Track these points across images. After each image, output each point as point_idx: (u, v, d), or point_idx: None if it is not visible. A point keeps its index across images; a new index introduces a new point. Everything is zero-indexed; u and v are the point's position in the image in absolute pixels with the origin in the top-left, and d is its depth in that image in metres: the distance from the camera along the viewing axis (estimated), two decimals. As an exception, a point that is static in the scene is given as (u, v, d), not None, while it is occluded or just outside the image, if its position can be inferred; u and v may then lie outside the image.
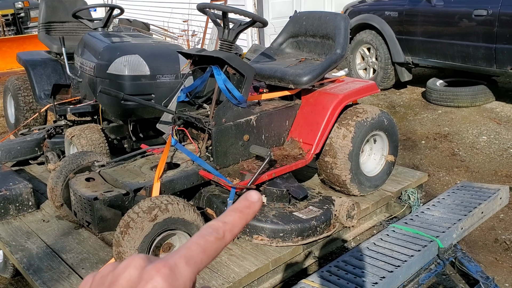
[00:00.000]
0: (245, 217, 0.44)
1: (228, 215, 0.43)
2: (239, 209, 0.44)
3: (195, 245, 0.40)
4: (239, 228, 0.44)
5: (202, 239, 0.41)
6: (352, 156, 2.90)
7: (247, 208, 0.44)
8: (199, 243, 0.40)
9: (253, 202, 0.44)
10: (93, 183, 2.49)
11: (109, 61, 3.27)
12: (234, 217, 0.43)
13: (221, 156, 2.66)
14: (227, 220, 0.43)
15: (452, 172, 4.63)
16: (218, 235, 0.41)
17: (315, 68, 2.93)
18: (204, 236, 0.41)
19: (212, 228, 0.42)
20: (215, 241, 0.41)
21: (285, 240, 2.46)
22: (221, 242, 0.42)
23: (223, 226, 0.42)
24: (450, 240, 2.55)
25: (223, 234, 0.42)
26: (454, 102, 6.10)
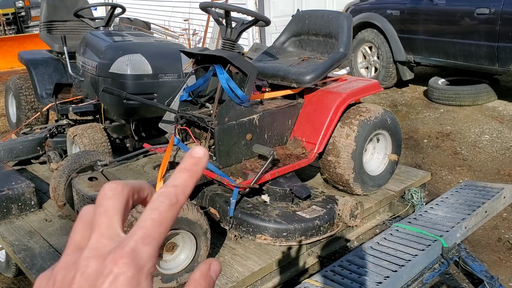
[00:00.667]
0: (194, 175, 0.42)
1: (177, 177, 0.41)
2: (187, 168, 0.42)
3: (150, 221, 0.38)
4: (190, 187, 0.41)
5: (156, 212, 0.39)
6: (355, 155, 2.89)
7: (195, 166, 0.42)
8: (153, 217, 0.39)
9: (200, 158, 0.42)
10: (96, 182, 2.49)
11: (111, 60, 3.26)
12: (184, 178, 0.41)
13: (224, 155, 2.65)
14: (177, 183, 0.41)
15: (455, 171, 4.62)
16: (171, 202, 0.40)
17: (318, 67, 2.92)
18: (157, 208, 0.39)
19: (163, 196, 0.40)
20: (170, 209, 0.39)
21: (288, 239, 2.45)
22: (175, 207, 0.40)
23: (174, 190, 0.40)
24: (454, 239, 2.54)
25: (176, 199, 0.40)
26: (456, 101, 6.09)
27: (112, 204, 0.40)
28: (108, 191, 0.41)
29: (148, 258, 0.37)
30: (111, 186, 0.41)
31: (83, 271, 0.37)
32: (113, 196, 0.40)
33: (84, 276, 0.36)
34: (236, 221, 2.50)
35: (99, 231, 0.39)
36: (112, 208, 0.40)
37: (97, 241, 0.38)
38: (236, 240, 2.58)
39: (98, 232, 0.39)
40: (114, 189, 0.41)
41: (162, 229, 0.39)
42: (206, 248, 2.27)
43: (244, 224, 2.47)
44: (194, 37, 9.58)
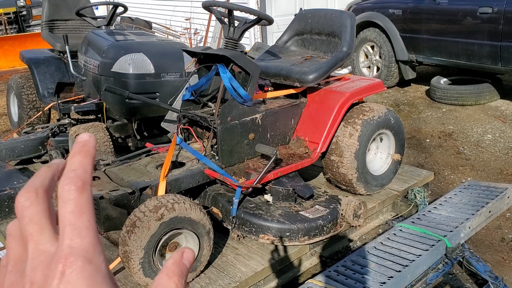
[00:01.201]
0: (87, 154, 0.40)
1: (71, 162, 0.40)
2: (77, 151, 0.40)
3: (70, 214, 0.37)
4: (89, 166, 0.40)
5: (70, 204, 0.38)
6: (359, 155, 2.88)
7: (84, 147, 0.41)
8: (71, 210, 0.37)
9: (86, 140, 0.41)
10: (98, 182, 2.48)
11: (113, 59, 3.25)
12: (78, 160, 0.40)
13: (227, 155, 2.64)
14: (74, 167, 0.39)
15: (457, 170, 4.61)
16: (77, 186, 0.38)
17: (321, 66, 2.90)
18: (68, 199, 0.38)
19: (67, 185, 0.38)
20: (80, 194, 0.38)
21: (291, 239, 2.44)
22: (85, 189, 0.39)
23: (74, 174, 0.39)
24: (458, 239, 2.53)
25: (80, 181, 0.39)
26: (459, 100, 6.07)
27: (34, 211, 0.39)
28: (24, 201, 0.39)
29: (90, 248, 0.37)
30: (25, 196, 0.39)
31: (32, 282, 0.36)
32: (31, 204, 0.39)
33: (34, 285, 0.36)
34: (239, 221, 2.49)
35: (33, 240, 0.38)
36: (36, 214, 0.39)
37: (36, 250, 0.38)
38: (239, 240, 2.58)
39: (33, 242, 0.38)
40: (29, 197, 0.39)
41: (86, 216, 0.38)
42: (209, 248, 2.26)
43: (247, 224, 2.46)
44: (195, 36, 9.57)
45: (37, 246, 0.38)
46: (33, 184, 0.40)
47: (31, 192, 0.39)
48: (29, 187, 0.40)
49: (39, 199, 0.39)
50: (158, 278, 0.41)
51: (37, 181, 0.40)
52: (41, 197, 0.39)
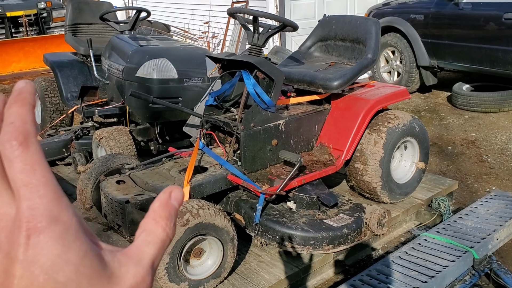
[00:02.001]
0: (24, 102, 0.35)
1: (8, 114, 0.35)
2: (13, 101, 0.35)
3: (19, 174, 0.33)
4: (29, 115, 0.34)
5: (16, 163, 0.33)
6: (383, 163, 2.85)
7: (20, 95, 0.35)
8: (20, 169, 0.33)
9: (22, 87, 0.35)
10: (123, 185, 2.49)
11: (138, 64, 3.27)
12: (15, 111, 0.34)
13: (249, 161, 2.63)
14: (12, 119, 0.34)
15: (481, 179, 4.53)
16: (20, 141, 0.33)
17: (346, 73, 2.88)
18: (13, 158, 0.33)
19: (8, 142, 0.33)
20: (25, 148, 0.33)
21: (316, 248, 2.42)
22: (30, 141, 0.33)
23: (14, 128, 0.33)
24: (485, 251, 2.48)
25: (22, 136, 0.33)
26: (481, 107, 5.97)
27: None
28: None
29: (53, 205, 0.32)
30: None
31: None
32: None
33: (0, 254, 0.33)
34: (262, 228, 2.48)
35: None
36: None
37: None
38: (261, 247, 2.56)
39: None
40: None
41: (40, 171, 0.33)
42: (233, 254, 2.25)
43: (270, 231, 2.45)
44: (213, 40, 9.60)
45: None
46: None
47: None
48: None
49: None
50: (144, 222, 0.37)
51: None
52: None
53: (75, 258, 0.32)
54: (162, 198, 0.38)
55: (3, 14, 10.49)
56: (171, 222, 0.37)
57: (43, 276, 0.31)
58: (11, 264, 0.32)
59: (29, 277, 0.31)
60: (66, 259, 0.32)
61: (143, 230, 0.36)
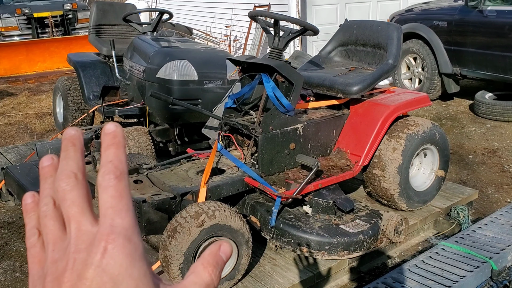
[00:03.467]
0: (119, 145, 0.43)
1: (105, 155, 0.42)
2: (109, 144, 0.42)
3: (111, 199, 0.40)
4: (123, 156, 0.42)
5: (110, 190, 0.40)
6: (402, 170, 2.82)
7: (114, 139, 0.43)
8: (111, 195, 0.40)
9: (113, 131, 0.43)
10: (141, 185, 2.52)
11: (158, 65, 3.31)
12: (112, 151, 0.42)
13: (267, 164, 2.63)
14: (110, 158, 0.42)
15: (502, 189, 4.44)
16: (115, 175, 0.41)
17: (366, 78, 2.87)
18: (109, 186, 0.41)
19: (106, 174, 0.41)
20: (119, 181, 0.41)
21: (331, 253, 2.40)
22: (122, 177, 0.41)
23: (112, 165, 0.41)
24: (505, 262, 2.43)
25: (118, 171, 0.41)
26: (504, 116, 5.87)
27: (76, 194, 0.41)
28: (65, 186, 0.42)
29: (129, 227, 0.39)
30: (66, 181, 0.42)
31: (75, 258, 0.39)
32: (72, 188, 0.42)
33: (77, 261, 0.38)
34: (277, 231, 2.47)
35: (76, 221, 0.41)
36: (78, 198, 0.41)
37: (78, 230, 0.40)
38: (276, 250, 2.56)
39: (75, 223, 0.41)
40: (70, 182, 0.42)
41: (125, 200, 0.40)
42: (247, 257, 2.25)
43: (285, 235, 2.44)
44: (235, 43, 9.65)
45: (79, 226, 0.40)
46: (70, 168, 0.42)
47: (71, 177, 0.42)
48: (68, 171, 0.42)
49: (79, 183, 0.42)
50: (194, 266, 0.43)
51: (72, 165, 0.42)
52: (80, 181, 0.42)
53: (137, 274, 0.38)
54: (213, 249, 0.44)
55: (30, 15, 10.72)
56: (217, 270, 0.43)
57: (110, 284, 0.37)
58: (86, 268, 0.38)
59: (99, 281, 0.37)
60: (131, 273, 0.38)
61: (192, 272, 0.42)
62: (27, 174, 3.11)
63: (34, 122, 6.42)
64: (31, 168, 3.20)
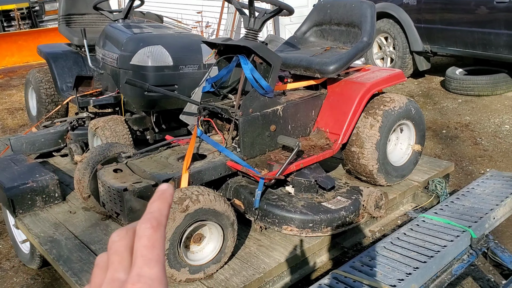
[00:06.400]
0: (165, 200, 0.47)
1: (150, 207, 0.46)
2: (157, 198, 0.47)
3: (143, 248, 0.43)
4: (166, 210, 0.46)
5: (144, 239, 0.43)
6: (379, 146, 2.86)
7: (163, 194, 0.47)
8: (144, 244, 0.43)
9: (165, 189, 0.48)
10: (121, 174, 2.49)
11: (132, 52, 3.26)
12: (156, 205, 0.46)
13: (248, 147, 2.64)
14: (152, 210, 0.46)
15: (476, 161, 4.57)
16: (152, 225, 0.44)
17: (342, 57, 2.89)
18: (143, 235, 0.44)
19: (144, 223, 0.44)
20: (155, 232, 0.44)
21: (314, 230, 2.44)
22: (159, 228, 0.44)
23: (151, 215, 0.45)
24: (483, 230, 2.51)
25: (156, 222, 0.45)
26: (475, 91, 6.01)
27: (119, 244, 0.45)
28: (115, 237, 0.46)
29: (156, 278, 0.42)
30: (117, 233, 0.46)
31: None
32: (119, 239, 0.46)
33: None
34: (261, 212, 2.49)
35: (113, 267, 0.44)
36: (120, 247, 0.45)
37: (111, 277, 0.44)
38: (261, 231, 2.58)
39: (112, 269, 0.44)
40: (119, 234, 0.46)
41: (157, 250, 0.43)
42: (233, 239, 2.27)
43: (269, 216, 2.46)
44: (207, 29, 9.54)
45: (113, 274, 0.44)
46: (126, 226, 0.47)
47: (122, 231, 0.46)
48: (123, 228, 0.47)
49: (127, 236, 0.46)
50: None
51: (131, 224, 0.47)
52: (129, 235, 0.46)
53: None
54: None
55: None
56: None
57: None
58: None
59: None
60: None
61: None
62: (3, 169, 3.04)
63: (6, 117, 6.26)
64: (7, 163, 3.13)
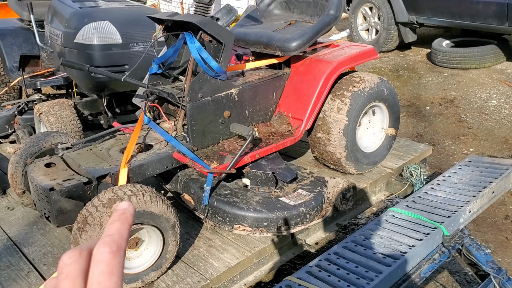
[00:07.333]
0: (125, 221, 0.45)
1: (109, 228, 0.44)
2: (116, 219, 0.45)
3: (99, 274, 0.41)
4: (125, 233, 0.45)
5: (101, 264, 0.42)
6: (348, 131, 2.59)
7: (123, 215, 0.46)
8: (101, 270, 0.42)
9: (125, 208, 0.46)
10: (53, 169, 2.21)
11: (76, 29, 2.93)
12: (116, 226, 0.44)
13: (198, 136, 2.36)
14: (111, 232, 0.44)
15: (459, 140, 4.32)
16: (112, 249, 0.42)
17: (305, 32, 2.58)
18: (101, 260, 0.42)
19: (102, 247, 0.42)
20: (114, 257, 0.42)
21: (269, 229, 2.18)
22: (119, 253, 0.43)
23: (111, 238, 0.43)
24: (457, 225, 2.27)
25: (115, 245, 0.43)
26: (462, 64, 5.71)
27: (72, 268, 0.42)
28: (67, 259, 0.43)
29: None
30: (70, 254, 0.43)
31: None
32: (72, 262, 0.43)
33: None
34: (211, 209, 2.23)
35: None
36: (73, 271, 0.42)
37: None
38: (214, 229, 2.33)
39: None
40: (72, 256, 0.43)
41: (115, 278, 0.42)
42: (175, 242, 2.01)
43: (220, 213, 2.20)
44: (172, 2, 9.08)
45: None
46: (80, 246, 0.45)
47: (76, 252, 0.44)
48: (76, 248, 0.44)
49: (81, 259, 0.43)
50: None
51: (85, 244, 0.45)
52: (83, 257, 0.43)
53: None
54: None
55: None
56: None
57: None
58: None
59: None
60: None
61: None
62: None
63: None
64: None
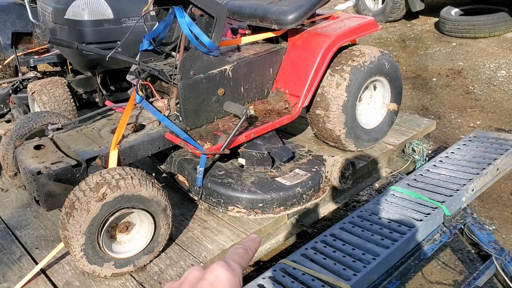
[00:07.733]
0: (248, 251, 0.62)
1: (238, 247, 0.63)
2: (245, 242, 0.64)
3: (234, 254, 0.59)
4: (246, 262, 0.60)
5: (239, 249, 0.61)
6: (347, 108, 2.50)
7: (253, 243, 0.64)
8: (237, 252, 0.60)
9: (254, 238, 0.65)
10: (42, 151, 2.15)
11: (65, 4, 2.84)
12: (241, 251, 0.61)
13: (191, 115, 2.28)
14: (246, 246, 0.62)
15: (466, 113, 4.20)
16: (245, 249, 0.61)
17: (302, 4, 2.46)
18: (238, 248, 0.61)
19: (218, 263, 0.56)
20: (245, 253, 0.60)
21: (265, 211, 2.13)
22: (248, 255, 0.60)
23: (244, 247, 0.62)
24: (459, 204, 2.20)
25: (247, 250, 0.61)
26: (471, 33, 5.52)
27: None
28: (227, 283, 0.54)
29: (239, 272, 0.57)
30: (230, 281, 0.55)
31: None
32: None
33: None
34: (205, 191, 2.17)
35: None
36: None
37: None
38: (209, 210, 2.28)
39: None
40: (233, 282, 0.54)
41: (243, 261, 0.60)
42: (167, 226, 1.96)
43: (214, 195, 2.15)
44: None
45: None
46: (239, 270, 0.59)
47: (236, 277, 0.56)
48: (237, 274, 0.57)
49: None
50: None
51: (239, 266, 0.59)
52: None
53: None
54: None
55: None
56: None
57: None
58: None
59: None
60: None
61: None
62: None
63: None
64: None
